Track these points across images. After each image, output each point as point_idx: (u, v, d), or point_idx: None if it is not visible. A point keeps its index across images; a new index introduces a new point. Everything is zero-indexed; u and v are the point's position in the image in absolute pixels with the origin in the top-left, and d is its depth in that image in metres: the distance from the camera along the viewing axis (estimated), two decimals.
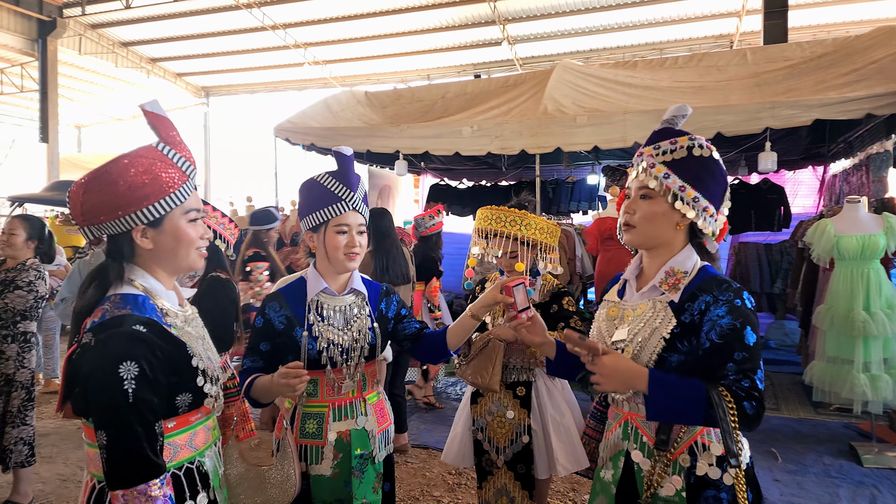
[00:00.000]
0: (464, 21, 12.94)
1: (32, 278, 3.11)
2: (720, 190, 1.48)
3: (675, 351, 1.40)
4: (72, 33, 13.73)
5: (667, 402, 1.32)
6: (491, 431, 2.36)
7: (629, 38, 12.45)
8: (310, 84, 16.29)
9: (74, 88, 16.29)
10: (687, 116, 1.56)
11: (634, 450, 1.47)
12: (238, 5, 12.65)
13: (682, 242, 1.51)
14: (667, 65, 5.65)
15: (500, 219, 2.34)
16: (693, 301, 1.40)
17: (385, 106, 7.30)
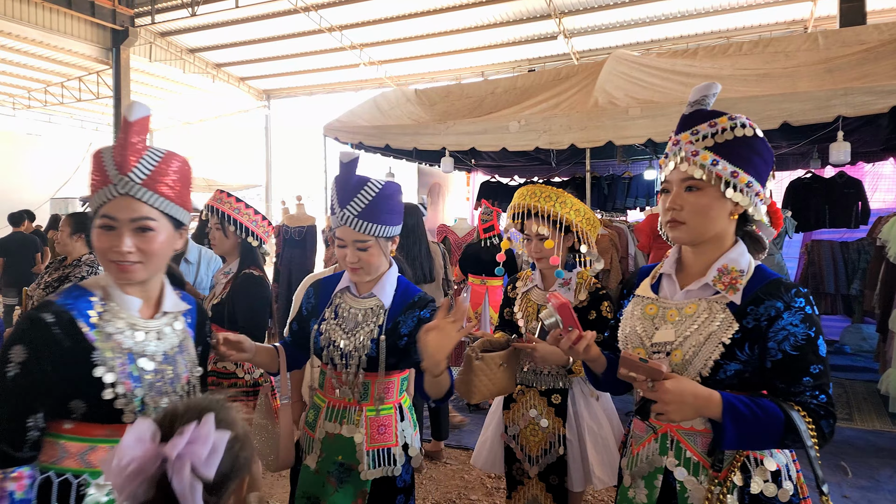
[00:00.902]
0: (518, 16, 12.75)
1: (85, 273, 3.19)
2: (767, 170, 1.34)
3: (733, 359, 1.25)
4: (143, 41, 14.45)
5: (745, 429, 1.18)
6: (523, 439, 2.21)
7: (693, 27, 11.90)
8: (366, 85, 16.48)
9: (146, 94, 17.11)
10: (716, 94, 1.40)
11: (677, 467, 1.31)
12: (296, 9, 12.94)
13: (731, 235, 1.36)
14: (730, 52, 5.31)
15: (534, 194, 2.16)
16: (758, 305, 1.26)
17: (434, 103, 7.26)
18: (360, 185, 1.66)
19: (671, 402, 1.18)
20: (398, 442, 1.76)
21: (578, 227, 2.14)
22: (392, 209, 1.72)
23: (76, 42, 13.25)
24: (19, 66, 14.65)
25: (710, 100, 1.38)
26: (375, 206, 1.67)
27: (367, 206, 1.66)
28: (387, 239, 1.75)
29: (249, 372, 2.54)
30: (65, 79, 15.75)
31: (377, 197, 1.67)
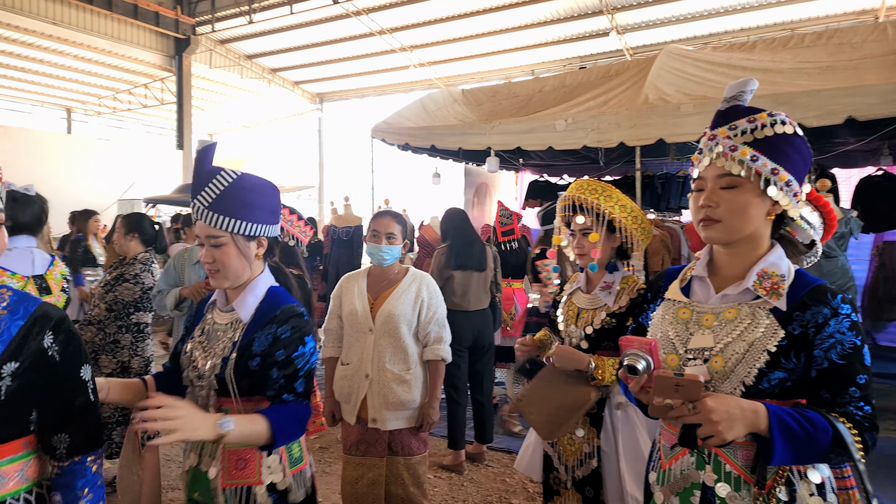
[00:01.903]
0: (569, 13, 12.56)
1: (138, 271, 3.34)
2: (806, 170, 1.27)
3: (777, 367, 1.18)
4: (203, 49, 15.04)
5: (795, 443, 1.10)
6: (561, 447, 2.12)
7: (754, 19, 11.38)
8: (415, 86, 16.61)
9: (206, 99, 17.82)
10: (753, 91, 1.32)
11: (718, 483, 1.23)
12: (348, 13, 13.17)
13: (767, 237, 1.29)
14: (791, 44, 5.04)
15: (581, 186, 2.06)
16: (804, 311, 1.19)
17: (481, 103, 7.23)
18: (212, 175, 1.50)
19: (720, 420, 1.09)
20: (261, 480, 1.51)
21: (623, 225, 2.02)
22: (251, 203, 1.52)
23: (142, 51, 13.93)
24: (91, 74, 15.52)
25: (746, 96, 1.31)
26: (228, 198, 1.49)
27: (218, 197, 1.49)
28: (247, 238, 1.54)
29: None
30: (132, 86, 16.58)
31: (230, 188, 1.49)
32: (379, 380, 2.37)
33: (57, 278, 2.37)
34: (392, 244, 2.42)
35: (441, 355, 2.46)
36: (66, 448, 1.28)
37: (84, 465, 1.31)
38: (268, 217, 1.57)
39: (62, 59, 14.25)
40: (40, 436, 1.28)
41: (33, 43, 13.04)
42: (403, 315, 2.39)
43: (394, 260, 2.47)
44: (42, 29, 12.21)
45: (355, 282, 2.51)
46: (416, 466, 2.42)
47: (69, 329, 1.28)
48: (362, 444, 2.39)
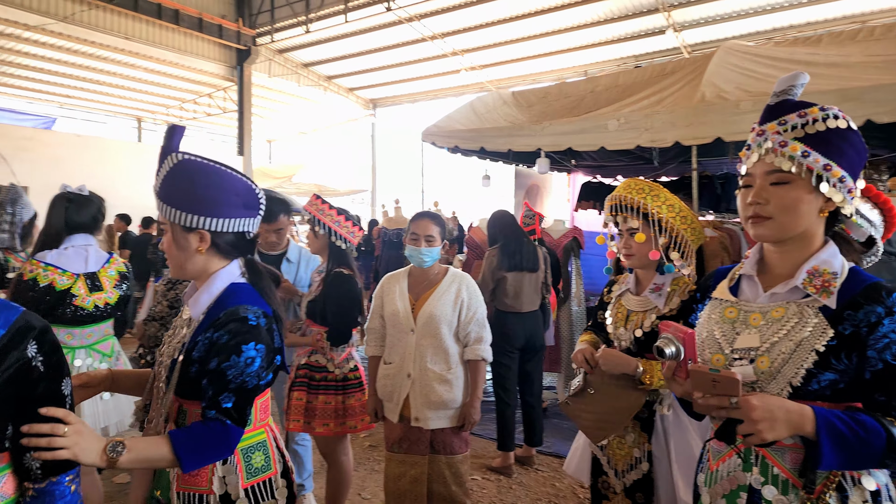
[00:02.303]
0: (623, 12, 12.34)
1: None
2: (861, 165, 1.22)
3: (828, 368, 1.14)
4: (263, 59, 15.59)
5: (844, 448, 1.07)
6: (610, 451, 2.06)
7: (821, 13, 10.85)
8: (467, 90, 16.66)
9: (265, 107, 18.45)
10: (804, 84, 1.28)
11: (765, 485, 1.20)
12: (400, 20, 13.38)
13: (821, 234, 1.25)
14: (859, 37, 4.79)
15: (628, 186, 2.03)
16: (856, 310, 1.15)
17: (532, 104, 7.19)
18: (162, 157, 1.42)
19: (761, 419, 1.08)
20: (213, 490, 1.42)
21: (671, 225, 1.95)
22: (187, 192, 1.40)
23: (206, 62, 14.58)
24: (159, 85, 16.35)
25: (797, 90, 1.28)
26: (169, 185, 1.41)
27: (162, 183, 1.42)
28: (185, 229, 1.43)
29: (339, 366, 2.65)
30: (197, 96, 17.36)
31: (170, 173, 1.40)
32: (421, 379, 2.40)
33: (111, 275, 2.48)
34: (431, 246, 2.46)
35: (481, 355, 2.47)
36: (40, 468, 1.15)
37: (62, 485, 1.17)
38: (212, 209, 1.41)
39: (133, 72, 15.06)
40: (14, 455, 1.15)
41: (108, 57, 13.85)
42: (444, 315, 2.42)
43: (433, 261, 2.50)
44: (115, 44, 12.96)
45: (396, 282, 2.55)
46: (458, 465, 2.44)
47: (53, 340, 1.19)
48: (405, 441, 2.43)
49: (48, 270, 2.31)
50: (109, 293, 2.44)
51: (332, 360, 2.64)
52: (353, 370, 2.66)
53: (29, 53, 13.64)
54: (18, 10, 11.03)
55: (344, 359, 2.65)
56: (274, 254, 3.13)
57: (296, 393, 2.68)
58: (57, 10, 11.46)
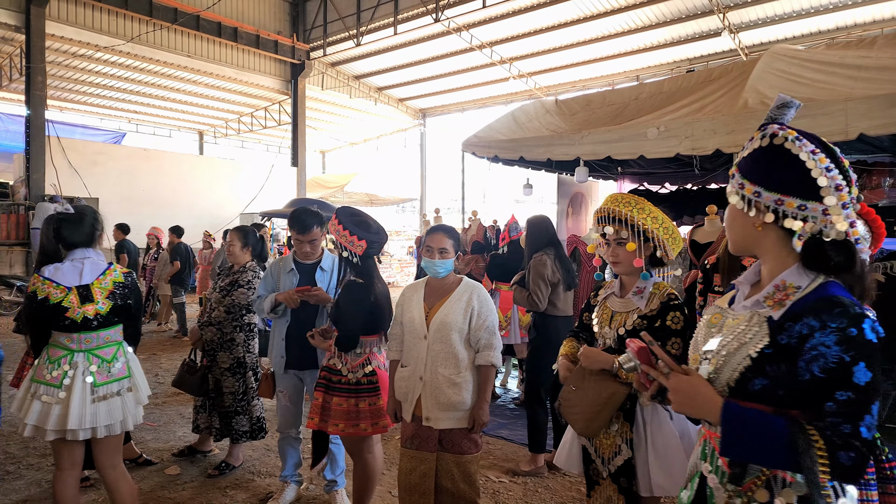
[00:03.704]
0: (676, 15, 12.09)
1: (251, 278, 3.72)
2: (803, 179, 1.21)
3: (761, 374, 1.20)
4: (316, 72, 16.14)
5: (742, 441, 1.17)
6: (598, 441, 2.24)
7: (889, 10, 10.30)
8: (515, 97, 16.69)
9: (318, 119, 19.05)
10: (791, 107, 1.29)
11: (710, 473, 1.31)
12: (449, 30, 13.58)
13: (790, 251, 1.25)
14: None
15: (616, 199, 2.21)
16: (795, 322, 1.18)
17: (574, 113, 7.15)
18: None
19: (677, 392, 1.26)
20: None
21: (655, 235, 2.14)
22: None
23: (263, 76, 15.22)
24: (219, 100, 17.18)
25: (785, 112, 1.30)
26: None
27: None
28: None
29: (353, 371, 2.76)
30: (254, 109, 18.12)
31: None
32: (431, 382, 2.54)
33: (105, 286, 2.56)
34: (445, 258, 2.61)
35: (491, 361, 2.57)
36: None
37: None
38: None
39: (195, 88, 15.89)
40: None
41: (172, 74, 14.68)
42: (454, 323, 2.54)
43: (447, 272, 2.64)
44: (179, 61, 13.73)
45: (415, 292, 2.70)
46: (466, 465, 2.55)
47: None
48: (416, 438, 2.57)
49: (45, 284, 2.49)
50: (101, 304, 2.53)
51: (346, 365, 2.76)
52: (370, 375, 2.76)
53: (100, 72, 14.64)
54: (90, 32, 11.89)
55: (359, 364, 2.77)
56: (309, 263, 3.28)
57: (316, 392, 2.86)
58: (126, 31, 12.28)
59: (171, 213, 13.65)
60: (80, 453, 2.60)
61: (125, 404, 2.58)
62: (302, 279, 3.23)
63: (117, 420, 2.55)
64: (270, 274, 3.32)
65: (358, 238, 2.69)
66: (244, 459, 3.88)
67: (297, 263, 3.29)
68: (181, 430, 4.52)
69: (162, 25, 12.45)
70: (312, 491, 3.49)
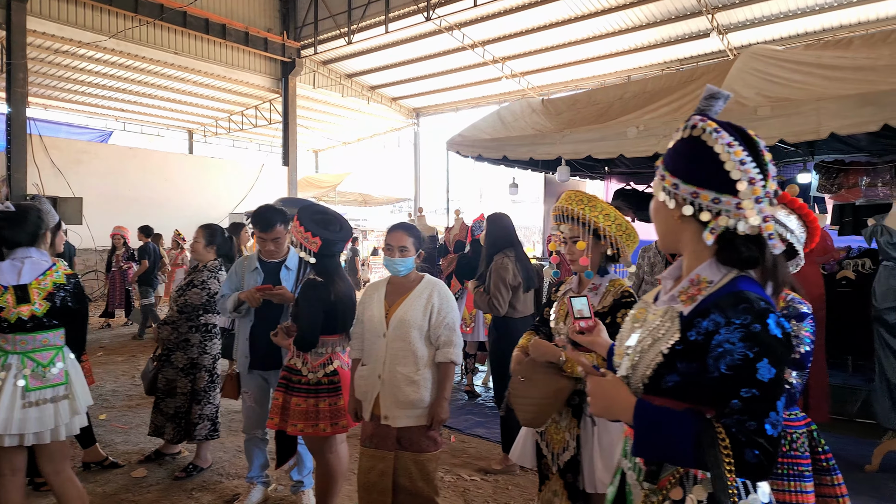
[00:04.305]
0: (666, 15, 12.09)
1: (205, 278, 3.66)
2: (712, 170, 1.19)
3: (672, 370, 1.18)
4: (307, 70, 16.06)
5: (652, 440, 1.16)
6: (549, 436, 2.27)
7: (874, 12, 10.33)
8: (508, 97, 16.65)
9: (310, 118, 18.97)
10: (719, 98, 1.28)
11: (629, 470, 1.32)
12: (440, 29, 13.53)
13: (705, 245, 1.23)
14: (891, 38, 4.55)
15: (569, 198, 2.23)
16: (703, 318, 1.17)
17: (560, 112, 7.15)
18: None
19: (592, 394, 1.27)
20: None
21: (608, 233, 2.16)
22: None
23: (253, 75, 15.14)
24: (208, 98, 17.08)
25: (714, 104, 1.29)
26: None
27: None
28: None
29: (313, 371, 2.74)
30: (244, 108, 18.03)
31: None
32: (390, 380, 2.53)
33: (45, 287, 2.47)
34: (405, 256, 2.60)
35: (451, 358, 2.58)
36: None
37: None
38: None
39: (183, 86, 15.80)
40: None
41: (159, 72, 14.57)
42: (414, 320, 2.54)
43: (408, 270, 2.63)
44: (166, 58, 13.64)
45: (376, 290, 2.70)
46: (424, 463, 2.55)
47: None
48: (375, 437, 2.57)
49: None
50: (38, 305, 2.45)
51: (307, 364, 2.74)
52: (331, 374, 2.74)
53: (85, 70, 14.51)
54: (73, 28, 11.78)
55: (319, 364, 2.74)
56: (274, 261, 3.25)
57: (276, 393, 2.84)
58: (109, 27, 12.17)
59: (159, 213, 13.59)
60: (20, 459, 2.53)
61: (59, 412, 2.48)
62: (266, 278, 3.20)
63: (48, 428, 2.45)
64: (235, 273, 3.29)
65: (312, 235, 2.67)
66: (213, 461, 3.85)
67: (261, 262, 3.26)
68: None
69: (147, 21, 12.35)
70: (280, 492, 3.46)
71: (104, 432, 4.36)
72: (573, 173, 7.95)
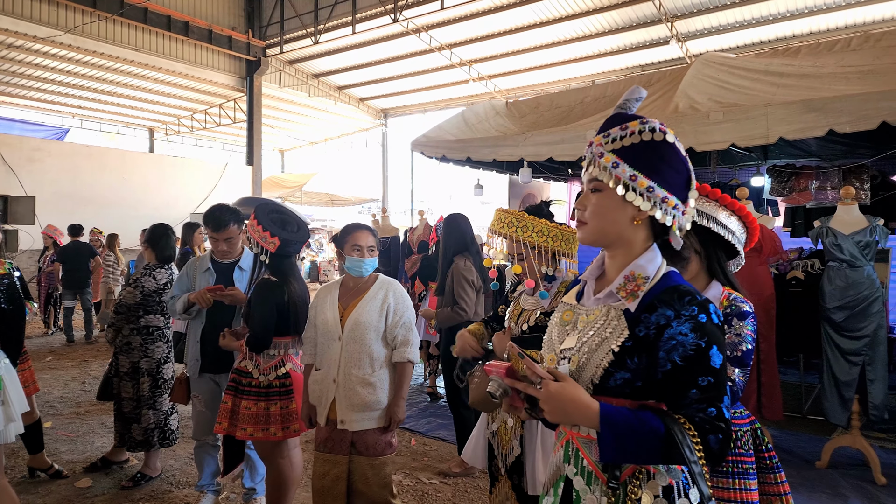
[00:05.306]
0: (628, 22, 12.32)
1: (139, 276, 3.57)
2: (680, 178, 1.27)
3: (623, 367, 1.20)
4: (273, 69, 15.83)
5: (622, 443, 1.13)
6: (499, 437, 2.27)
7: (823, 22, 10.73)
8: (476, 99, 16.69)
9: (276, 118, 18.71)
10: (641, 100, 1.34)
11: (575, 476, 1.28)
12: (407, 31, 13.50)
13: (643, 241, 1.29)
14: (837, 48, 4.74)
15: (500, 220, 2.25)
16: (651, 313, 1.20)
17: (524, 115, 7.23)
18: None
19: (549, 402, 1.17)
20: None
21: (545, 247, 2.18)
22: None
23: (217, 73, 14.84)
24: (170, 96, 16.67)
25: (633, 104, 1.33)
26: None
27: None
28: None
29: (265, 373, 2.69)
30: (208, 106, 17.67)
31: None
32: (345, 383, 2.50)
33: None
34: (372, 256, 2.59)
35: (408, 357, 2.57)
36: None
37: None
38: None
39: (144, 83, 15.39)
40: None
41: (118, 68, 14.15)
42: (370, 322, 2.51)
43: (373, 270, 2.62)
44: (125, 55, 13.26)
45: (328, 292, 2.65)
46: (380, 466, 2.53)
47: None
48: (329, 441, 2.54)
49: None
50: None
51: (258, 367, 2.69)
52: (282, 377, 2.69)
53: (39, 65, 14.01)
54: (28, 22, 11.35)
55: (271, 366, 2.69)
56: (227, 262, 3.19)
57: (225, 396, 2.77)
58: (66, 22, 11.78)
59: (116, 213, 13.22)
60: None
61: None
62: (219, 279, 3.13)
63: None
64: (186, 274, 3.21)
65: (271, 235, 2.62)
66: (163, 470, 3.74)
67: (214, 262, 3.19)
68: (101, 440, 4.33)
69: (105, 17, 12.01)
70: (231, 500, 3.39)
71: (49, 441, 4.20)
72: (537, 175, 8.04)
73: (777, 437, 4.28)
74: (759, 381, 4.09)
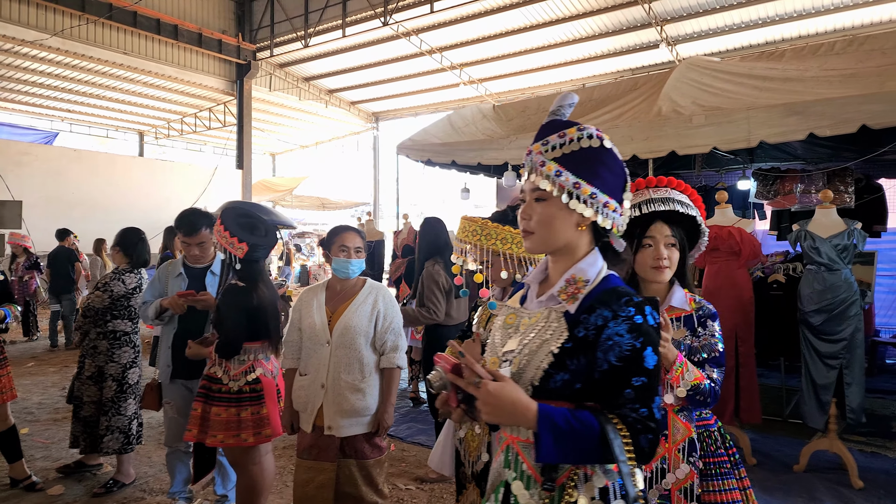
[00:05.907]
0: (618, 26, 12.35)
1: (108, 280, 3.53)
2: (619, 181, 1.30)
3: (562, 368, 1.20)
4: (263, 73, 15.77)
5: (560, 442, 1.13)
6: (467, 443, 2.23)
7: (813, 26, 10.79)
8: (467, 102, 16.64)
9: (266, 121, 18.64)
10: (573, 105, 1.35)
11: (515, 480, 1.27)
12: (397, 34, 13.49)
13: (586, 245, 1.31)
14: (821, 52, 4.73)
15: (464, 229, 2.25)
16: (590, 314, 1.21)
17: (511, 118, 7.19)
18: None
19: (487, 403, 1.16)
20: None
21: (510, 254, 2.18)
22: None
23: (206, 76, 14.77)
24: (160, 100, 16.60)
25: (565, 110, 1.34)
26: None
27: None
28: None
29: (234, 379, 2.64)
30: (198, 110, 17.60)
31: None
32: (334, 389, 2.45)
33: None
34: (360, 258, 2.56)
35: (396, 363, 2.54)
36: None
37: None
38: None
39: (133, 87, 15.31)
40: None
41: (107, 72, 14.08)
42: (360, 327, 2.48)
43: (359, 272, 2.58)
44: (114, 59, 13.18)
45: (314, 295, 2.59)
46: (369, 469, 2.49)
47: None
48: (314, 448, 2.48)
49: None
50: None
51: (228, 373, 2.64)
52: (253, 383, 2.65)
53: (28, 69, 13.91)
54: (15, 25, 11.26)
55: (241, 372, 2.65)
56: (199, 267, 3.14)
57: (195, 403, 2.72)
58: (54, 25, 11.69)
59: (105, 217, 13.09)
60: None
61: None
62: (191, 283, 3.08)
63: None
64: (158, 279, 3.16)
65: (238, 240, 2.58)
66: (137, 476, 3.68)
67: (186, 267, 3.15)
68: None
69: (94, 20, 11.93)
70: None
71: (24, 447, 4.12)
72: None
73: (756, 440, 4.25)
74: (738, 384, 4.07)
